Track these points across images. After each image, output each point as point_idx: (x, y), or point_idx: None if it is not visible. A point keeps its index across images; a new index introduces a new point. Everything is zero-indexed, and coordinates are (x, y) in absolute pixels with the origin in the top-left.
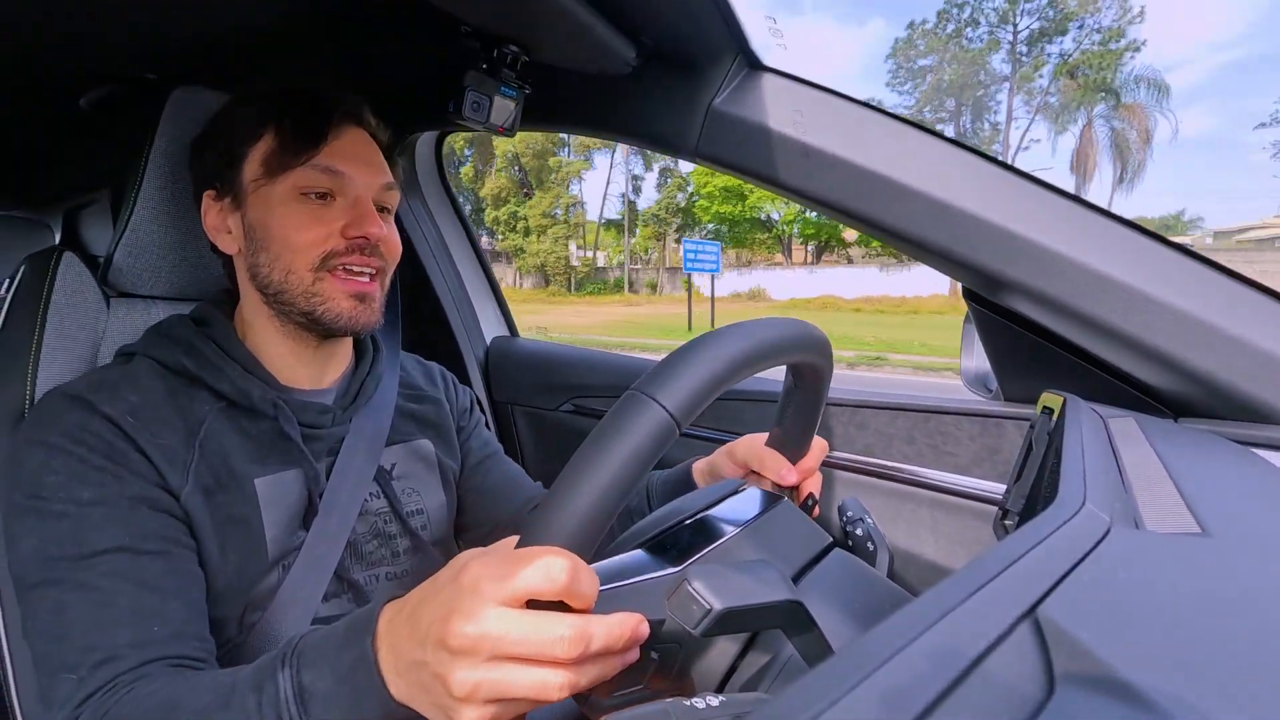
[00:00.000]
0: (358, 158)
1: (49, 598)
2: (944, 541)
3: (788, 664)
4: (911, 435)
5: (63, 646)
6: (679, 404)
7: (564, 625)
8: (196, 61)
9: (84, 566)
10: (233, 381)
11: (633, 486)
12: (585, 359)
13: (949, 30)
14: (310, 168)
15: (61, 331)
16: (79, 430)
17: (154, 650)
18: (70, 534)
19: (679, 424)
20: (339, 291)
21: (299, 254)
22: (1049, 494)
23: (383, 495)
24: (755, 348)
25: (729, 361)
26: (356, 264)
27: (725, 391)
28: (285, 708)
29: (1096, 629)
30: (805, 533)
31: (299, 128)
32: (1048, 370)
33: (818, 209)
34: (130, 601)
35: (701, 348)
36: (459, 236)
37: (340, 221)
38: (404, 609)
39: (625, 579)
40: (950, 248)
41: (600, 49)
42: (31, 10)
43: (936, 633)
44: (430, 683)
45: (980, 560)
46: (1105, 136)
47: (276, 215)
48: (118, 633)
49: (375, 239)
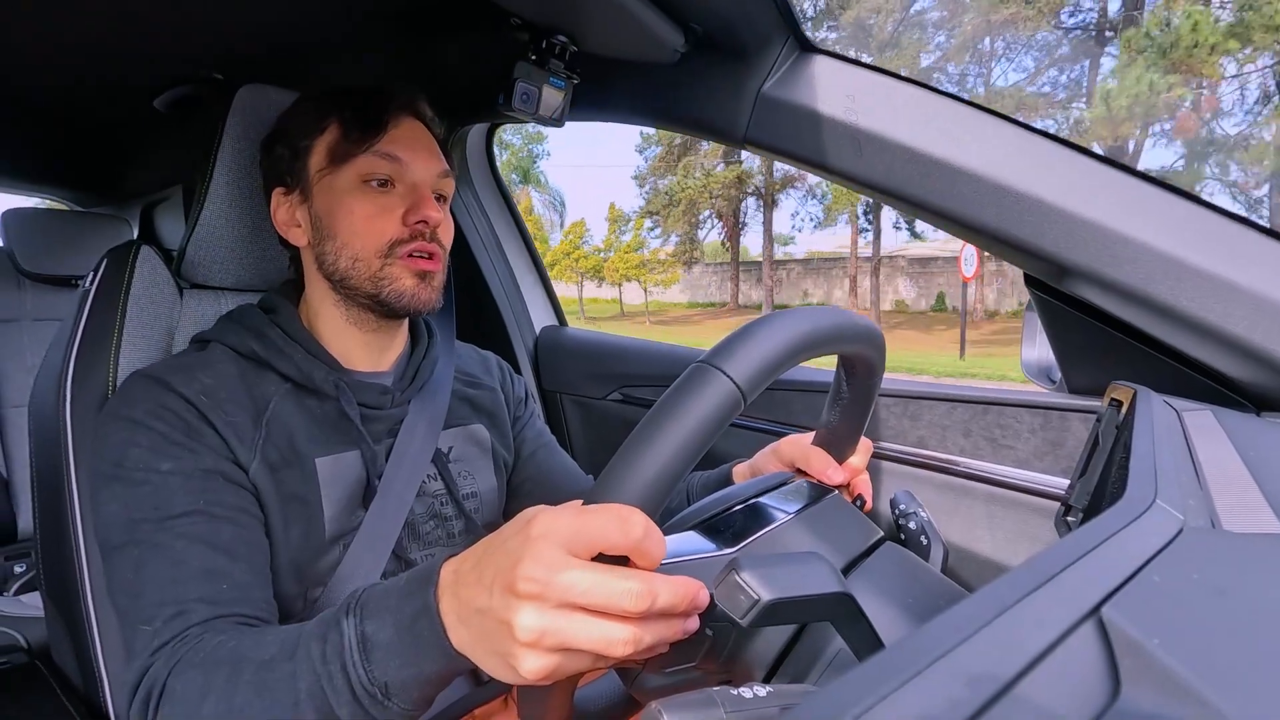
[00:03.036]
0: (415, 146)
1: (130, 557)
2: (1002, 537)
3: (837, 657)
4: (968, 428)
5: (140, 602)
6: (745, 376)
7: (633, 579)
8: (261, 61)
9: (163, 528)
10: (297, 364)
11: (698, 453)
12: (634, 348)
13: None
14: (372, 154)
15: (140, 320)
16: (159, 408)
17: (222, 608)
18: (150, 498)
19: (745, 396)
20: (405, 271)
21: (365, 240)
22: (1117, 490)
23: (439, 477)
24: (818, 331)
25: (793, 341)
26: (418, 249)
27: (774, 381)
28: (349, 654)
29: (1166, 633)
30: (856, 525)
31: (360, 117)
32: (1116, 361)
33: (873, 194)
34: (202, 561)
35: (767, 325)
36: (509, 227)
37: (401, 208)
38: (468, 559)
39: (681, 557)
40: (1012, 233)
41: (648, 37)
42: (108, 21)
43: (993, 630)
44: (494, 629)
45: (1041, 557)
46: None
47: (342, 204)
48: (189, 589)
49: (434, 224)
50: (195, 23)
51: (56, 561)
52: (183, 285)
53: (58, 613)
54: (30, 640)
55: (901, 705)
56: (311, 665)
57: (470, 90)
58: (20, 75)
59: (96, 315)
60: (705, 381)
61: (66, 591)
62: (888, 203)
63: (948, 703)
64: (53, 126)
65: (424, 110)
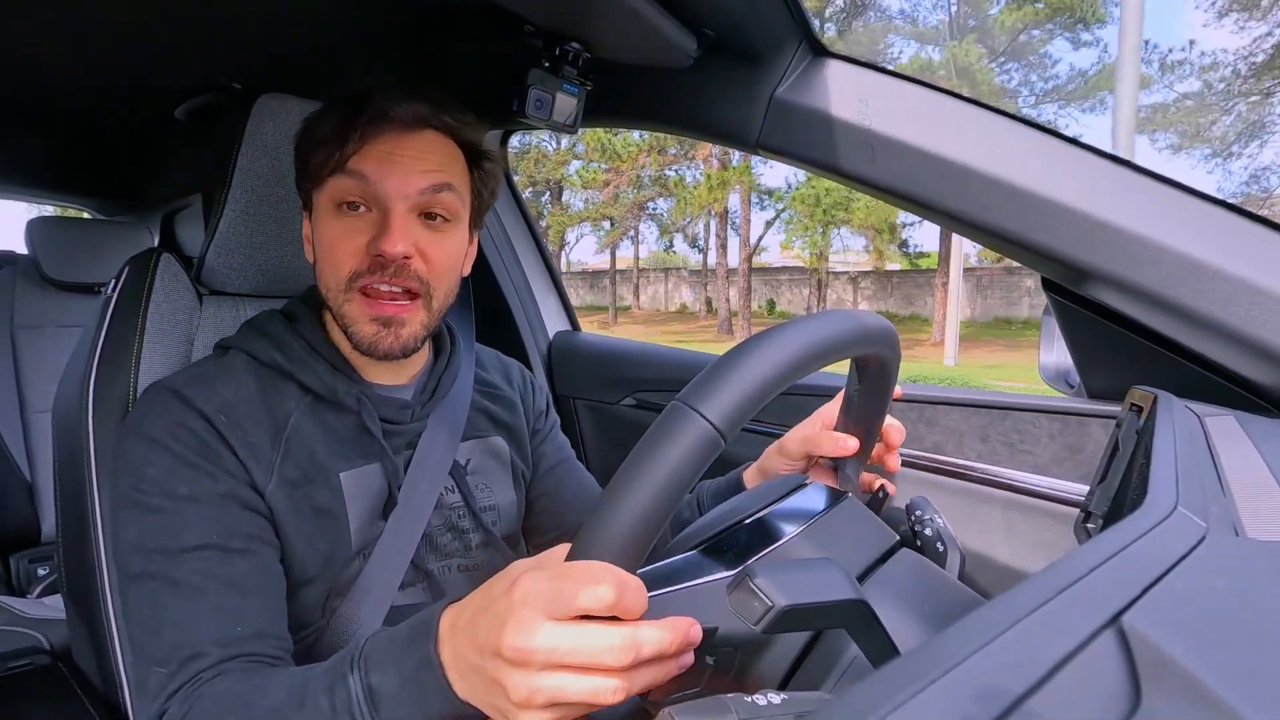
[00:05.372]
0: (391, 160)
1: (147, 591)
2: (1020, 544)
3: (853, 664)
4: (985, 433)
5: (156, 641)
6: (722, 415)
7: (613, 635)
8: (279, 70)
9: (177, 561)
10: (320, 377)
11: (678, 499)
12: (647, 353)
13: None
14: (341, 174)
15: (160, 327)
16: (177, 426)
17: (234, 648)
18: (166, 528)
19: (724, 435)
20: (362, 314)
21: (328, 271)
22: (1137, 496)
23: (457, 489)
24: (805, 350)
25: (775, 368)
26: (381, 283)
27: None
28: (357, 708)
29: (1188, 642)
30: (871, 531)
31: (332, 131)
32: (1136, 365)
33: (886, 199)
34: (216, 601)
35: (745, 354)
36: (522, 232)
37: (366, 236)
38: (463, 615)
39: (680, 583)
40: (1028, 236)
41: (661, 42)
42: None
43: (1011, 638)
44: (489, 686)
45: (1060, 564)
46: None
47: (319, 227)
48: (203, 631)
49: (391, 258)
50: (216, 33)
51: (78, 565)
52: (202, 292)
53: (79, 615)
54: (53, 642)
55: (918, 714)
56: (322, 717)
57: (484, 97)
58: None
59: (118, 321)
60: (681, 424)
61: (87, 594)
62: (904, 207)
63: (965, 711)
64: (77, 136)
65: (412, 112)
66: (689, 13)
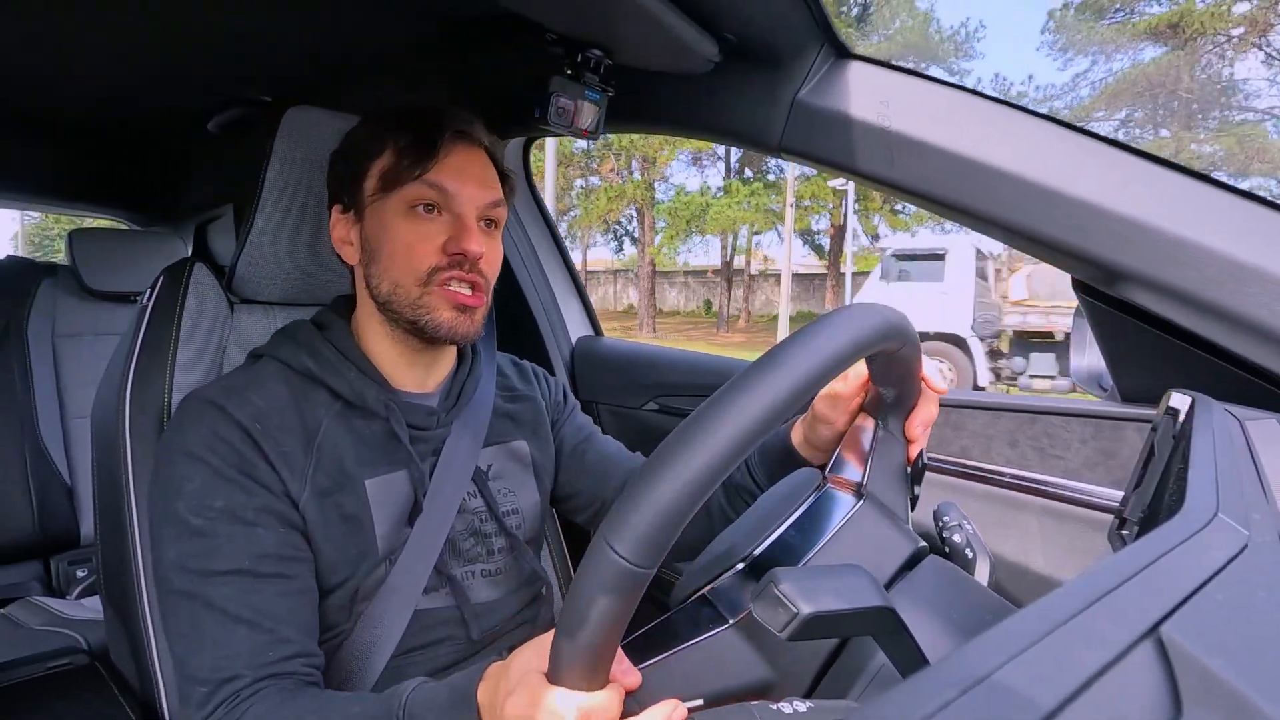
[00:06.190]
0: (465, 174)
1: (185, 609)
2: (1052, 551)
3: (880, 672)
4: (1014, 437)
5: (195, 659)
6: (634, 549)
7: None
8: (307, 83)
9: (213, 584)
10: (350, 383)
11: (621, 628)
12: (669, 358)
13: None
14: (420, 183)
15: (194, 335)
16: (213, 438)
17: (267, 669)
18: (202, 550)
19: (645, 567)
20: (442, 303)
21: (405, 267)
22: (1175, 503)
23: (479, 495)
24: (729, 441)
25: (686, 486)
26: (456, 279)
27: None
28: None
29: (1231, 653)
30: (897, 537)
31: (413, 145)
32: (1172, 367)
33: (912, 200)
34: (249, 626)
35: (654, 471)
36: (545, 238)
37: (443, 236)
38: (500, 690)
39: (671, 645)
40: (1058, 236)
41: (682, 48)
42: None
43: (1044, 648)
44: None
45: (1094, 572)
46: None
47: (388, 228)
48: (238, 656)
49: (473, 256)
50: (247, 49)
51: (115, 567)
52: (233, 300)
53: (116, 616)
54: (91, 642)
55: None
56: None
57: (508, 105)
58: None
59: (153, 329)
60: (601, 564)
61: (124, 596)
62: (930, 209)
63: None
64: (116, 151)
65: (480, 136)
66: (710, 18)
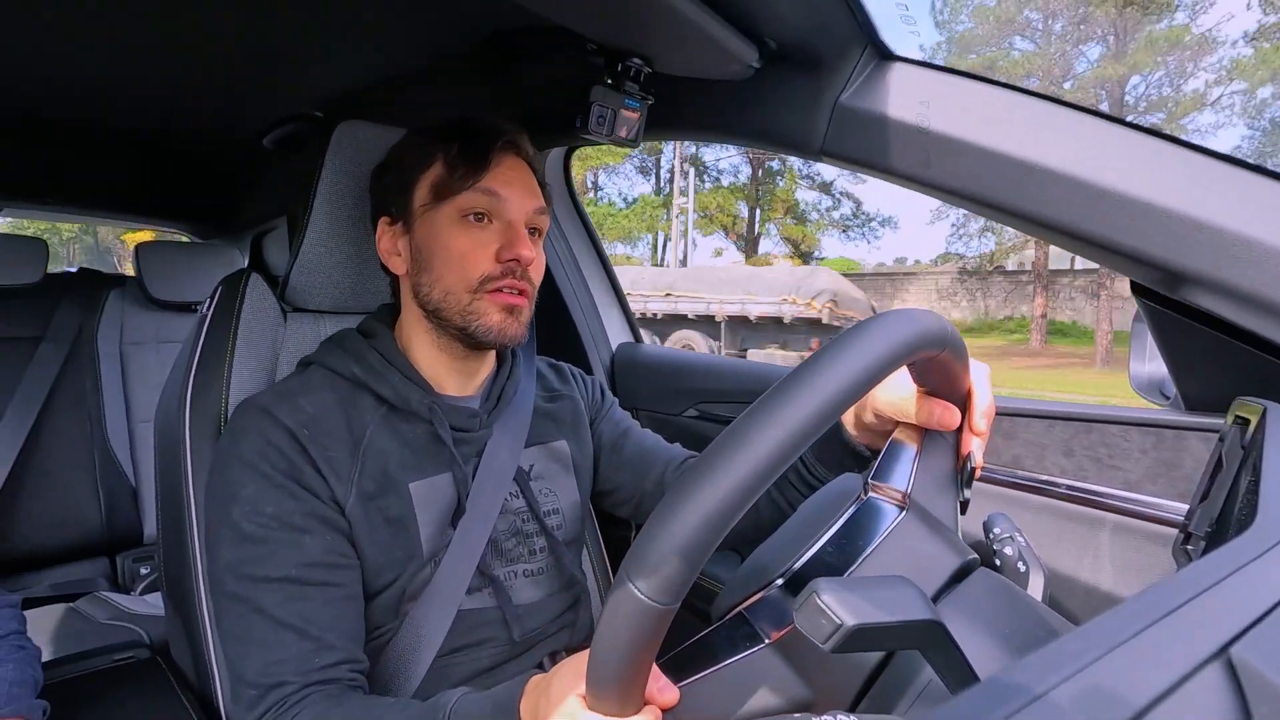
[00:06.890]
0: (514, 183)
1: (237, 613)
2: (1110, 566)
3: (928, 688)
4: (1069, 447)
5: (245, 662)
6: (655, 588)
7: None
8: (356, 98)
9: (262, 590)
10: (394, 387)
11: (650, 656)
12: (710, 365)
13: None
14: (474, 191)
15: (249, 342)
16: (265, 445)
17: (314, 676)
18: (254, 556)
19: (668, 603)
20: (492, 306)
21: (459, 275)
22: (1245, 517)
23: (521, 495)
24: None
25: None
26: (508, 285)
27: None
28: None
29: None
30: (945, 548)
31: (465, 154)
32: (1239, 374)
33: (961, 204)
34: (296, 634)
35: (673, 506)
36: (585, 246)
37: (495, 244)
38: (539, 709)
39: (708, 664)
40: (1115, 239)
41: (722, 55)
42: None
43: (1104, 667)
44: None
45: (1158, 589)
46: None
47: (439, 237)
48: (286, 662)
49: (526, 262)
50: (299, 67)
51: (176, 565)
52: (286, 309)
53: (176, 613)
54: (152, 637)
55: None
56: None
57: (549, 115)
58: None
59: (212, 337)
60: (624, 601)
61: (184, 594)
62: (980, 213)
63: None
64: (179, 168)
65: (525, 147)
66: (751, 24)
